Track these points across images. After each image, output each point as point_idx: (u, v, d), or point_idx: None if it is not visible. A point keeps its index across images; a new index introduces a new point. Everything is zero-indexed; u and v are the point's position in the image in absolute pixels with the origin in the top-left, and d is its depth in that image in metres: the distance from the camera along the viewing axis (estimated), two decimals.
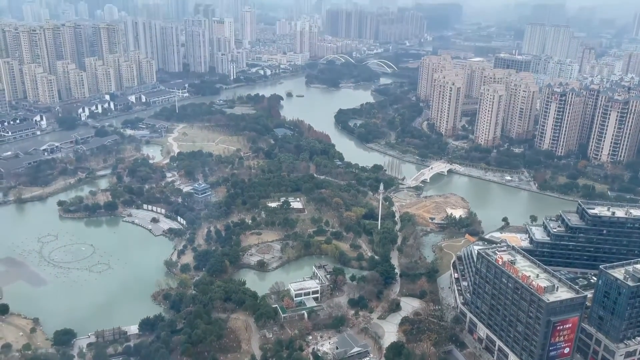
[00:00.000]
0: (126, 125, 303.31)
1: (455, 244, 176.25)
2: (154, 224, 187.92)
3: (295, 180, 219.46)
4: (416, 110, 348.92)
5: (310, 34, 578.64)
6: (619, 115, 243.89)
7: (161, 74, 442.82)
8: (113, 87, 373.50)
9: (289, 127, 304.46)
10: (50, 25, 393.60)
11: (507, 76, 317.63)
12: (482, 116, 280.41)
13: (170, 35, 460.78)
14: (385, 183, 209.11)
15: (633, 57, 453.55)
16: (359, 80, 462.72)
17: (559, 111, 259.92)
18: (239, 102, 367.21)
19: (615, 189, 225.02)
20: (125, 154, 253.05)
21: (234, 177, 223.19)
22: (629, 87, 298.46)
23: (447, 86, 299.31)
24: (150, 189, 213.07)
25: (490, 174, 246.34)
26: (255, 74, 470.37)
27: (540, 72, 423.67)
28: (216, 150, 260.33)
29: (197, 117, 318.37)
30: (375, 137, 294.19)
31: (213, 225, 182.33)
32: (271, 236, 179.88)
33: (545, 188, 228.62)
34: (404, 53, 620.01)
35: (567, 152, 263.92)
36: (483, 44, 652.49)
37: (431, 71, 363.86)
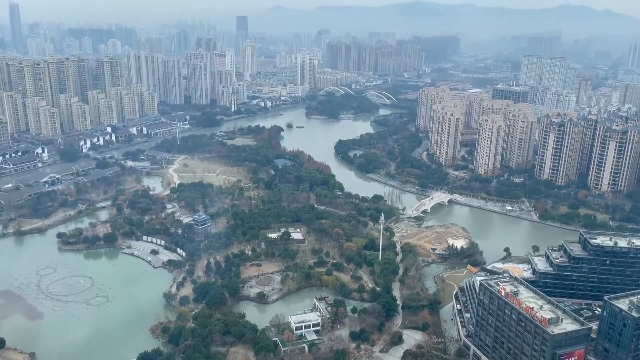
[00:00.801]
0: (127, 156, 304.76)
1: (457, 275, 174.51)
2: (153, 256, 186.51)
3: (296, 211, 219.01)
4: (416, 141, 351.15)
5: (310, 67, 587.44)
6: (618, 145, 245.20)
7: (163, 106, 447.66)
8: (115, 120, 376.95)
9: (289, 157, 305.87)
10: (54, 59, 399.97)
11: (506, 107, 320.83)
12: (481, 146, 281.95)
13: (172, 68, 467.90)
14: (385, 213, 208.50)
15: (630, 88, 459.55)
16: (358, 112, 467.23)
17: (558, 141, 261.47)
18: (240, 133, 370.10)
19: (617, 219, 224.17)
20: (126, 186, 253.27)
21: (234, 208, 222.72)
22: (627, 117, 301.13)
23: (446, 117, 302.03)
24: (150, 220, 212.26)
25: (490, 203, 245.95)
26: (255, 106, 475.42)
27: (538, 103, 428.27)
28: (217, 181, 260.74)
29: (198, 148, 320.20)
30: (375, 167, 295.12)
31: (213, 256, 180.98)
32: (271, 267, 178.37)
33: (546, 218, 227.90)
34: (403, 85, 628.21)
35: (567, 182, 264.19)
36: (481, 76, 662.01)
37: (430, 102, 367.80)
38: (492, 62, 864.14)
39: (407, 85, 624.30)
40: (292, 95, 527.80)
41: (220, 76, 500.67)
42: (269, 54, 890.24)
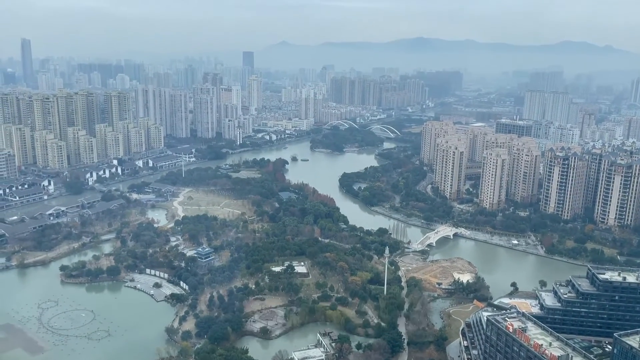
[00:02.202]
0: (132, 189, 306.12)
1: (464, 310, 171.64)
2: (156, 289, 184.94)
3: (300, 244, 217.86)
4: (420, 174, 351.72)
5: (315, 101, 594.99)
6: (623, 179, 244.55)
7: (169, 139, 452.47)
8: (121, 152, 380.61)
9: (294, 190, 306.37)
10: (63, 94, 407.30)
11: (510, 141, 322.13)
12: (486, 180, 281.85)
13: (179, 102, 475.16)
14: (390, 247, 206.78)
15: (633, 122, 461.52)
16: (362, 145, 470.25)
17: (563, 175, 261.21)
18: (245, 166, 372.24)
19: (625, 254, 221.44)
20: (131, 218, 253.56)
21: (238, 241, 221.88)
22: (631, 151, 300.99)
23: (450, 150, 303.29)
24: (153, 253, 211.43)
25: (496, 237, 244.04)
26: (261, 139, 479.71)
27: (542, 137, 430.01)
28: (221, 214, 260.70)
29: (203, 181, 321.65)
30: (379, 200, 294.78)
31: (216, 290, 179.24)
32: (275, 302, 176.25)
33: (553, 252, 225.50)
34: (407, 119, 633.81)
35: (573, 216, 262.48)
36: (484, 110, 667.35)
37: (434, 136, 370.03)
38: (495, 97, 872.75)
39: (410, 119, 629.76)
40: (297, 128, 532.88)
41: (226, 110, 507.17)
42: (275, 88, 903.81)
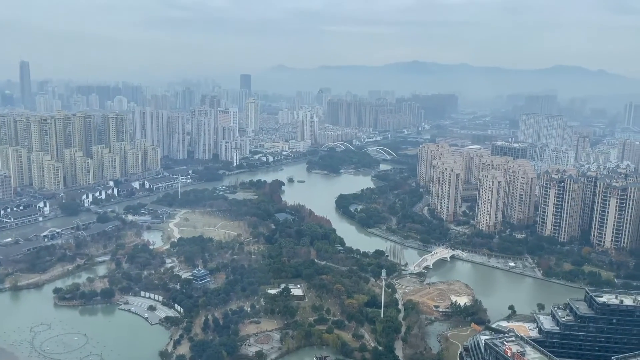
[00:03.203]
0: (128, 211, 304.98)
1: (461, 334, 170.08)
2: (150, 312, 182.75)
3: (296, 266, 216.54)
4: (416, 196, 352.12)
5: (311, 123, 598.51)
6: (619, 202, 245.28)
7: (166, 160, 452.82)
8: (118, 174, 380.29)
9: (290, 212, 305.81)
10: (61, 115, 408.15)
11: (505, 163, 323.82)
12: (482, 202, 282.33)
13: (177, 124, 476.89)
14: (387, 269, 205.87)
15: (627, 145, 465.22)
16: (359, 167, 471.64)
17: (559, 197, 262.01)
18: (241, 187, 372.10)
19: (622, 276, 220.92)
20: (126, 240, 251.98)
21: (233, 263, 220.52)
22: (626, 174, 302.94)
23: (446, 172, 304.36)
24: (148, 275, 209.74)
25: (493, 260, 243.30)
26: (257, 161, 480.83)
27: (537, 160, 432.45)
28: (217, 235, 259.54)
29: (200, 202, 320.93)
30: (376, 222, 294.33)
31: (211, 313, 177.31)
32: (270, 325, 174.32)
33: (550, 275, 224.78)
34: (403, 140, 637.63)
35: (570, 238, 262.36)
36: (479, 132, 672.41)
37: (430, 158, 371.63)
38: (490, 120, 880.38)
39: (406, 141, 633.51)
40: (294, 150, 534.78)
41: (223, 132, 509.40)
42: (272, 110, 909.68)
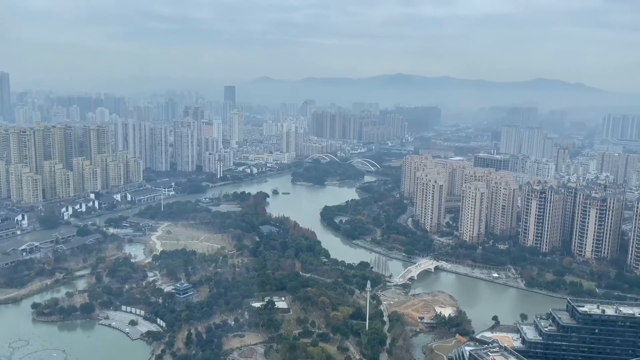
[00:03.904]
0: (109, 223, 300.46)
1: (446, 345, 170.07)
2: (131, 327, 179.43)
3: (280, 279, 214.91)
4: (400, 207, 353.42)
5: (296, 135, 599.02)
6: (599, 213, 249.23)
7: (148, 172, 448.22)
8: (99, 186, 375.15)
9: (275, 224, 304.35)
10: (40, 127, 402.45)
11: (488, 174, 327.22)
12: (465, 213, 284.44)
13: (159, 135, 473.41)
14: (372, 281, 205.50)
15: (606, 157, 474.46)
16: (343, 178, 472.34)
17: (540, 208, 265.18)
18: (225, 200, 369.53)
19: (603, 286, 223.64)
20: (107, 253, 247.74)
21: (217, 276, 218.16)
22: (605, 185, 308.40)
23: (429, 184, 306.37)
24: (130, 289, 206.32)
25: (477, 270, 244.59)
26: (241, 173, 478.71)
27: (519, 171, 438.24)
28: (200, 248, 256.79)
29: (182, 215, 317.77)
30: (361, 233, 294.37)
31: (194, 327, 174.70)
32: (254, 339, 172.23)
33: (533, 285, 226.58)
34: (387, 152, 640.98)
35: (552, 249, 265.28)
36: (462, 144, 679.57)
37: (413, 169, 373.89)
38: (473, 132, 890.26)
39: (391, 153, 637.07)
40: (278, 162, 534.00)
41: (207, 143, 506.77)
42: (256, 122, 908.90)
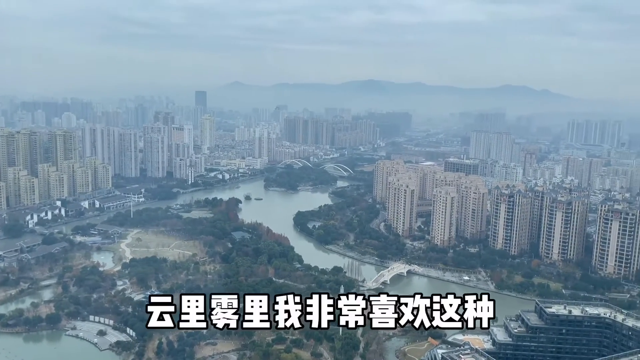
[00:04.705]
0: (77, 231, 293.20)
1: (419, 348, 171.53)
2: (100, 337, 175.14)
3: (253, 285, 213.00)
4: (373, 212, 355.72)
5: (268, 140, 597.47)
6: (564, 216, 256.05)
7: (117, 179, 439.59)
8: (66, 193, 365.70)
9: (247, 230, 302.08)
10: (4, 132, 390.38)
11: (458, 179, 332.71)
12: (436, 217, 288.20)
13: (129, 141, 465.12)
14: (345, 285, 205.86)
15: (571, 161, 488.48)
16: (316, 184, 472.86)
17: (509, 212, 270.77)
18: (197, 206, 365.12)
19: (569, 287, 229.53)
20: (74, 262, 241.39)
21: (189, 284, 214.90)
22: (570, 188, 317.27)
23: (401, 189, 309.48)
24: (98, 298, 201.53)
25: (448, 274, 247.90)
26: (213, 178, 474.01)
27: (488, 175, 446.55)
28: (171, 255, 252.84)
29: (153, 222, 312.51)
30: (334, 238, 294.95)
31: (165, 336, 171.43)
32: (227, 346, 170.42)
33: (502, 287, 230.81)
34: (359, 157, 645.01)
35: (520, 252, 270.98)
36: (433, 149, 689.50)
37: (385, 174, 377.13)
38: (443, 137, 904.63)
39: (363, 158, 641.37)
40: (251, 167, 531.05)
41: (177, 149, 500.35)
42: (228, 127, 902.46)
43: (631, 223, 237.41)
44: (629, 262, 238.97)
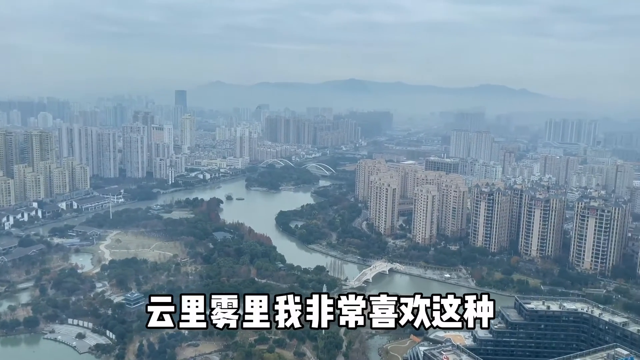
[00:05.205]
0: (54, 233, 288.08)
1: (401, 346, 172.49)
2: (79, 340, 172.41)
3: (235, 285, 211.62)
4: (355, 211, 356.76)
5: (250, 140, 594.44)
6: (543, 213, 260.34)
7: (96, 179, 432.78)
8: (42, 194, 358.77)
9: (229, 230, 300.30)
10: None
11: (438, 177, 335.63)
12: (417, 215, 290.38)
13: (107, 141, 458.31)
14: (328, 285, 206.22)
15: (549, 160, 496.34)
16: (298, 183, 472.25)
17: (489, 210, 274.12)
18: (177, 206, 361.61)
19: (548, 283, 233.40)
20: (52, 264, 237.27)
21: (170, 285, 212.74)
22: (548, 186, 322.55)
23: (383, 187, 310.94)
24: (77, 301, 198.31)
25: (429, 271, 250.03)
26: (194, 178, 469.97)
27: (468, 174, 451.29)
28: (152, 256, 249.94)
29: (133, 222, 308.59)
30: (316, 238, 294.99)
31: (146, 338, 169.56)
32: (209, 347, 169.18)
33: (483, 284, 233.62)
34: (341, 157, 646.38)
35: (500, 249, 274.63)
36: (414, 148, 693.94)
37: (367, 173, 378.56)
38: (424, 136, 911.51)
39: (345, 157, 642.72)
40: (232, 167, 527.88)
41: (157, 149, 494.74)
42: (208, 127, 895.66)
43: (607, 220, 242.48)
44: (604, 258, 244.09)
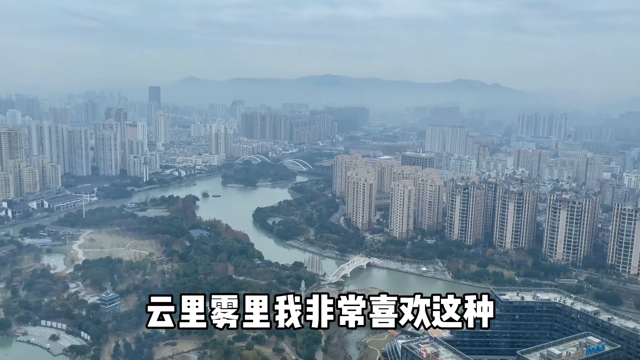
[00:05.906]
0: (25, 233, 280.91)
1: (379, 340, 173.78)
2: (53, 342, 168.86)
3: (213, 283, 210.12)
4: (333, 206, 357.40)
5: (225, 136, 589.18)
6: (516, 205, 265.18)
7: (68, 178, 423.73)
8: (12, 194, 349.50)
9: (206, 227, 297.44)
10: None
11: (415, 172, 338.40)
12: (394, 210, 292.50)
13: (79, 138, 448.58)
14: (306, 280, 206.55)
15: (521, 153, 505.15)
16: (276, 179, 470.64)
17: (464, 203, 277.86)
18: (152, 204, 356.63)
19: (521, 274, 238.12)
20: (23, 265, 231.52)
21: (146, 284, 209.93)
22: (521, 179, 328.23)
23: (360, 183, 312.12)
24: (50, 302, 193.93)
25: (407, 265, 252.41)
26: (169, 176, 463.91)
27: (444, 168, 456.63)
28: (127, 255, 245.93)
29: (106, 221, 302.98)
30: (294, 234, 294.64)
31: (122, 338, 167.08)
32: (187, 346, 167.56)
33: (459, 277, 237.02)
34: (318, 152, 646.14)
35: (475, 242, 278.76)
36: (390, 144, 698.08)
37: (344, 169, 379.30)
38: (400, 131, 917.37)
39: (322, 153, 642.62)
40: (208, 164, 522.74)
41: (131, 146, 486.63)
42: (183, 123, 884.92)
43: (578, 211, 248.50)
44: (576, 248, 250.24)
